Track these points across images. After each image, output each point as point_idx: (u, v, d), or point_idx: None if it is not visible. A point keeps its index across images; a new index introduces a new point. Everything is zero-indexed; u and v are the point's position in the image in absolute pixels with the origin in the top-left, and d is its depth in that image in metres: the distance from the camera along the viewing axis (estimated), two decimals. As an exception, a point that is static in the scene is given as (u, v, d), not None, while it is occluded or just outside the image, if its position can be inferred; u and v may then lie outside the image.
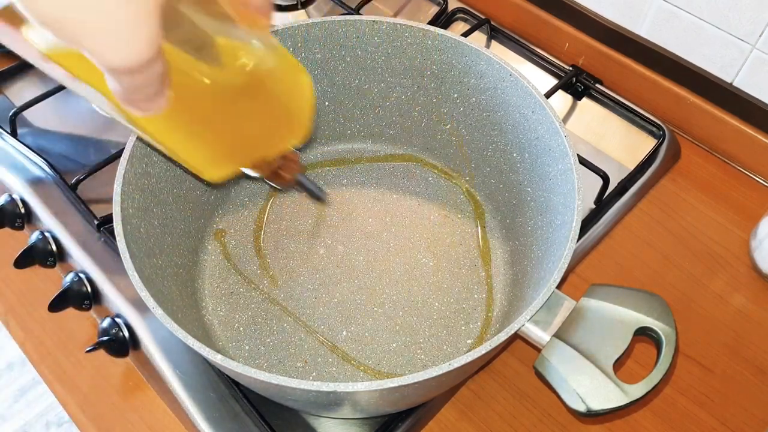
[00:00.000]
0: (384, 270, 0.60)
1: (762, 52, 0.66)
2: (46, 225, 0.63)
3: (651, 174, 0.69)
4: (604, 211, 0.66)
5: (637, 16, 0.73)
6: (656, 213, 0.68)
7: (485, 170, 0.62)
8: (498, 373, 0.57)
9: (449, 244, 0.61)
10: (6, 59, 0.78)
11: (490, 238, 0.61)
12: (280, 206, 0.64)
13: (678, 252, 0.65)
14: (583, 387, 0.42)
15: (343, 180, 0.66)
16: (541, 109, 0.53)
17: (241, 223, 0.62)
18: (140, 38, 0.28)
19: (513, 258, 0.59)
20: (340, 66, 0.61)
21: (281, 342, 0.55)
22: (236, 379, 0.52)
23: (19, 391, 1.45)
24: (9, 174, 0.67)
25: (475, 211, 0.63)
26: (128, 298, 0.57)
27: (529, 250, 0.56)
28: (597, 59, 0.78)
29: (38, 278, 0.63)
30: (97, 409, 0.55)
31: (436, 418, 0.55)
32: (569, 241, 0.45)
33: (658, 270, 0.64)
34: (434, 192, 0.65)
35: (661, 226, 0.67)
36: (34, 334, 0.60)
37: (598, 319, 0.45)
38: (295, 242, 0.61)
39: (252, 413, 0.52)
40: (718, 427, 0.55)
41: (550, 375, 0.43)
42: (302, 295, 0.58)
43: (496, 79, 0.56)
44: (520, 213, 0.59)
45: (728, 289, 0.63)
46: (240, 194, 0.64)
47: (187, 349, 0.54)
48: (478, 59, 0.57)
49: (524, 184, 0.58)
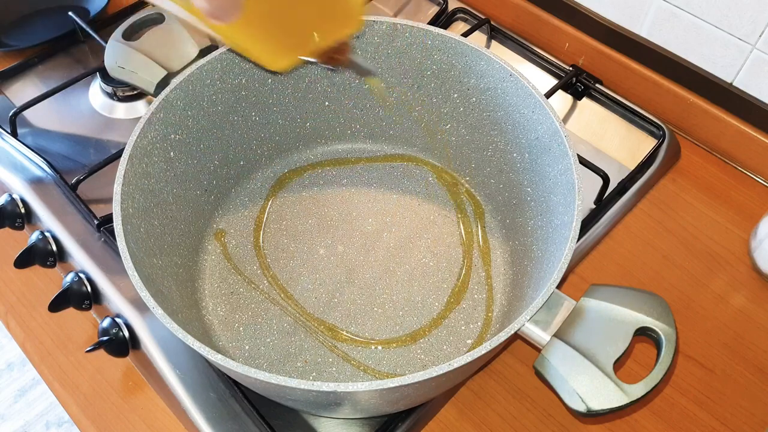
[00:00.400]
0: (384, 270, 0.60)
1: (762, 52, 0.66)
2: (46, 225, 0.63)
3: (651, 174, 0.69)
4: (604, 211, 0.66)
5: (638, 16, 0.73)
6: (656, 213, 0.68)
7: (485, 170, 0.62)
8: (498, 373, 0.57)
9: (449, 244, 0.61)
10: (6, 59, 0.78)
11: (490, 238, 0.61)
12: (280, 206, 0.64)
13: (678, 252, 0.65)
14: (583, 387, 0.42)
15: (343, 180, 0.66)
16: (541, 109, 0.53)
17: (241, 223, 0.62)
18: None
19: (513, 258, 0.59)
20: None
21: (281, 342, 0.55)
22: (236, 379, 0.52)
23: (19, 391, 1.45)
24: (9, 174, 0.67)
25: (475, 211, 0.63)
26: (128, 298, 0.57)
27: (529, 250, 0.56)
28: (597, 59, 0.78)
29: (38, 278, 0.63)
30: (97, 409, 0.55)
31: (436, 417, 0.55)
32: (569, 241, 0.45)
33: (658, 270, 0.64)
34: (434, 192, 0.65)
35: (661, 226, 0.67)
36: (35, 334, 0.60)
37: (598, 319, 0.45)
38: (295, 242, 0.61)
39: (252, 413, 0.52)
40: (718, 427, 0.55)
41: (550, 375, 0.43)
42: (302, 295, 0.58)
43: (496, 79, 0.56)
44: (520, 213, 0.59)
45: (728, 289, 0.63)
46: (240, 194, 0.64)
47: (187, 349, 0.54)
48: (478, 59, 0.57)
49: (524, 184, 0.58)
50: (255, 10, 0.44)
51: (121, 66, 0.69)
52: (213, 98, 0.57)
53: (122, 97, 0.74)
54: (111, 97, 0.74)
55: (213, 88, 0.57)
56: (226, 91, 0.58)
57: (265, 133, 0.63)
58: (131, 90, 0.73)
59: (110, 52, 0.70)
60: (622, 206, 0.67)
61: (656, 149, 0.70)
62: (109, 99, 0.74)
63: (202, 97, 0.56)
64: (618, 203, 0.67)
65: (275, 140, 0.65)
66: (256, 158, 0.64)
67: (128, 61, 0.69)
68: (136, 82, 0.69)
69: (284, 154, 0.66)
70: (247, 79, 0.59)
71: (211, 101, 0.57)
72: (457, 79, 0.59)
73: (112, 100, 0.74)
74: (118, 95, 0.73)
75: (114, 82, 0.72)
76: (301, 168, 0.66)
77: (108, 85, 0.73)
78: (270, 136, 0.64)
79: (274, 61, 0.51)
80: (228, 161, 0.62)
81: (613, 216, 0.66)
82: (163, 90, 0.53)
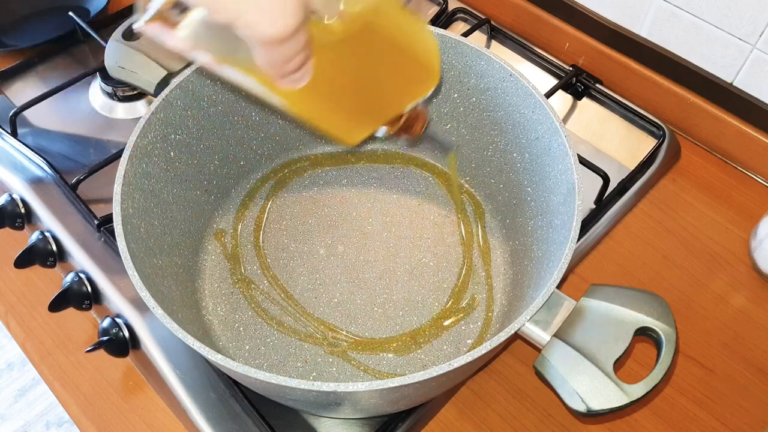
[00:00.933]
0: (384, 270, 0.60)
1: (762, 52, 0.66)
2: (46, 225, 0.63)
3: (651, 174, 0.69)
4: (604, 211, 0.66)
5: (638, 16, 0.73)
6: (656, 213, 0.68)
7: (485, 170, 0.62)
8: (498, 373, 0.57)
9: (449, 244, 0.61)
10: (6, 59, 0.78)
11: (490, 238, 0.61)
12: (281, 206, 0.64)
13: (678, 252, 0.65)
14: (583, 387, 0.42)
15: (343, 180, 0.66)
16: (541, 109, 0.53)
17: (241, 223, 0.62)
18: (289, 7, 0.32)
19: (513, 258, 0.59)
20: None
21: (281, 342, 0.55)
22: (236, 379, 0.52)
23: (19, 391, 1.45)
24: (9, 174, 0.67)
25: (475, 211, 0.63)
26: (128, 297, 0.57)
27: (529, 250, 0.56)
28: (597, 59, 0.78)
29: (38, 278, 0.63)
30: (97, 409, 0.55)
31: (436, 418, 0.55)
32: (569, 241, 0.45)
33: (658, 270, 0.64)
34: (434, 192, 0.65)
35: (661, 226, 0.67)
36: (35, 333, 0.60)
37: (599, 319, 0.45)
38: (295, 242, 0.61)
39: (252, 413, 0.52)
40: (718, 427, 0.55)
41: (550, 375, 0.43)
42: (302, 295, 0.58)
43: (497, 79, 0.56)
44: (520, 213, 0.59)
45: (728, 289, 0.63)
46: (240, 194, 0.64)
47: (187, 349, 0.54)
48: (479, 59, 0.57)
49: (524, 184, 0.58)
50: (323, 68, 0.40)
51: (121, 66, 0.69)
52: (213, 98, 0.57)
53: (122, 97, 0.73)
54: (111, 97, 0.74)
55: (213, 88, 0.57)
56: (226, 91, 0.58)
57: (265, 133, 0.63)
58: (131, 90, 0.73)
59: (110, 52, 0.70)
60: (622, 206, 0.67)
61: (656, 149, 0.70)
62: (109, 99, 0.74)
63: (202, 97, 0.56)
64: (618, 203, 0.67)
65: (275, 140, 0.65)
66: (256, 158, 0.64)
67: (128, 61, 0.68)
68: (136, 82, 0.69)
69: (284, 154, 0.66)
70: (247, 79, 0.59)
71: (211, 101, 0.57)
72: (457, 79, 0.59)
73: (112, 100, 0.74)
74: (118, 95, 0.73)
75: (114, 82, 0.72)
76: (301, 168, 0.66)
77: (108, 85, 0.73)
78: (270, 135, 0.64)
79: (347, 133, 0.47)
80: (228, 161, 0.62)
81: (613, 216, 0.66)
82: (163, 90, 0.53)
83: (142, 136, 0.51)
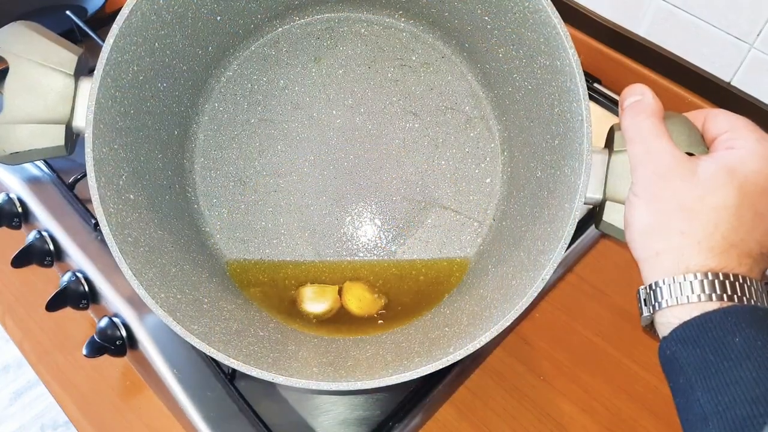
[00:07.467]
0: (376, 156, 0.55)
1: (760, 51, 0.66)
2: (43, 224, 0.63)
3: (649, 173, 0.69)
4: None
5: (636, 16, 0.73)
6: (655, 212, 0.68)
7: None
8: (496, 373, 0.57)
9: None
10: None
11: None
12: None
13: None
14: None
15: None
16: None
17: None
18: None
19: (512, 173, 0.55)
20: None
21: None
22: (238, 369, 0.52)
23: (14, 393, 1.44)
24: (6, 173, 0.66)
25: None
26: (126, 297, 0.57)
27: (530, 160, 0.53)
28: (596, 58, 0.78)
29: (36, 278, 0.63)
30: (95, 409, 0.55)
31: (434, 417, 0.55)
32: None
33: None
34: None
35: (660, 225, 0.67)
36: (32, 333, 0.59)
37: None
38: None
39: (249, 412, 0.52)
40: (718, 426, 0.55)
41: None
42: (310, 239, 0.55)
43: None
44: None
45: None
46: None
47: (185, 349, 0.54)
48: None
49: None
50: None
51: (118, 65, 0.69)
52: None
53: (120, 97, 0.73)
54: (109, 96, 0.73)
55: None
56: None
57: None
58: (129, 89, 0.73)
59: (108, 51, 0.70)
60: (620, 205, 0.67)
61: (655, 149, 0.70)
62: (107, 98, 0.74)
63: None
64: (617, 202, 0.67)
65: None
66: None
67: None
68: (134, 81, 0.69)
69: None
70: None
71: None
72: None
73: (109, 99, 0.73)
74: (115, 94, 0.73)
75: (112, 81, 0.72)
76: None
77: (106, 84, 0.72)
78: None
79: None
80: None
81: (612, 215, 0.66)
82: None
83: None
